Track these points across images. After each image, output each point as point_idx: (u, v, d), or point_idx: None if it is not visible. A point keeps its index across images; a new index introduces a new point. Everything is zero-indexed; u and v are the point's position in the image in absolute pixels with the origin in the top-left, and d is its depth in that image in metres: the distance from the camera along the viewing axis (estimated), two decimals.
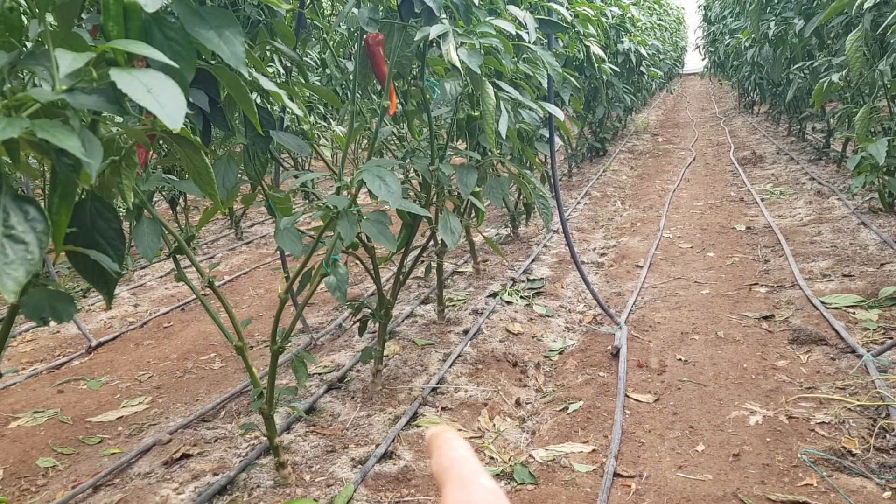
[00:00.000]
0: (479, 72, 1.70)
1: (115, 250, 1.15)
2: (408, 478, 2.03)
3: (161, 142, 2.04)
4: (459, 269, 4.19)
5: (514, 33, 1.93)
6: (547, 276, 4.01)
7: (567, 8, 2.95)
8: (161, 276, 4.67)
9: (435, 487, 1.97)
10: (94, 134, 0.87)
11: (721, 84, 17.91)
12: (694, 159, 8.02)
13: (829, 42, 5.31)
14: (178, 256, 1.93)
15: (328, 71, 4.68)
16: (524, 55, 2.78)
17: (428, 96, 2.26)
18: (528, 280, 3.92)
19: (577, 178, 7.27)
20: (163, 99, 0.79)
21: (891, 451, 1.98)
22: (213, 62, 1.26)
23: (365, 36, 1.95)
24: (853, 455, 1.99)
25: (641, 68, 7.91)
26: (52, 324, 3.82)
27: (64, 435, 2.58)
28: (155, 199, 5.91)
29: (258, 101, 2.09)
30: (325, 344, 3.24)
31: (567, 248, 4.50)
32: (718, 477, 1.96)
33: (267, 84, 1.08)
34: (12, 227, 0.76)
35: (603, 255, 4.52)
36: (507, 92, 2.24)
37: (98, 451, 2.43)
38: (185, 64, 0.97)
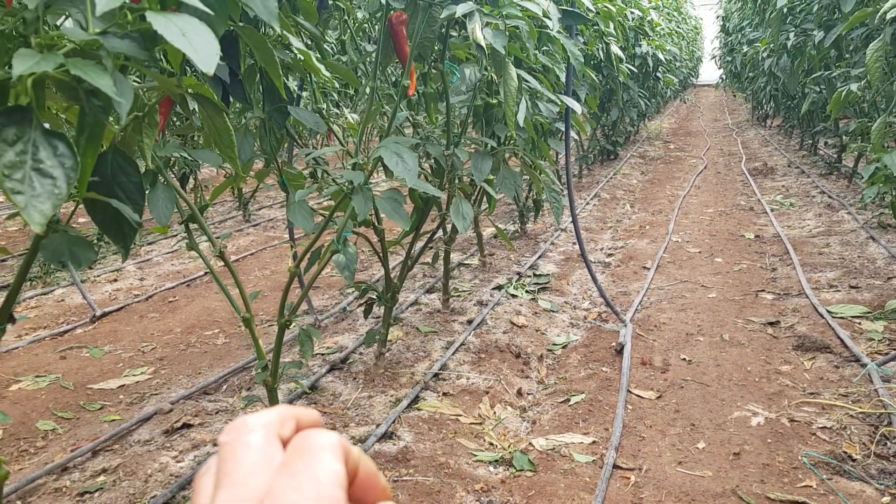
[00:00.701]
0: (503, 52, 1.70)
1: (134, 204, 1.15)
2: (407, 458, 2.03)
3: (175, 117, 2.04)
4: (466, 262, 4.19)
5: (540, 13, 1.93)
6: (553, 272, 4.01)
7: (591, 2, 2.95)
8: (168, 253, 4.68)
9: (434, 468, 1.97)
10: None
11: (735, 96, 17.87)
12: (705, 167, 8.00)
13: (847, 55, 5.30)
14: (190, 226, 1.93)
15: (344, 59, 4.68)
16: (543, 47, 2.77)
17: (447, 81, 2.26)
18: (534, 275, 3.91)
19: (587, 180, 7.26)
20: (197, 43, 0.79)
21: (891, 458, 1.98)
22: (240, 24, 1.26)
23: (389, 15, 1.95)
24: (853, 460, 1.99)
25: (658, 73, 7.89)
26: (57, 292, 3.83)
27: (65, 400, 2.58)
28: None
29: None
30: (328, 326, 3.24)
31: (575, 245, 4.49)
32: (718, 474, 1.96)
33: (296, 42, 1.08)
34: (41, 161, 0.76)
35: (610, 255, 4.52)
36: (526, 81, 2.24)
37: (98, 417, 2.44)
38: (217, 17, 0.97)
